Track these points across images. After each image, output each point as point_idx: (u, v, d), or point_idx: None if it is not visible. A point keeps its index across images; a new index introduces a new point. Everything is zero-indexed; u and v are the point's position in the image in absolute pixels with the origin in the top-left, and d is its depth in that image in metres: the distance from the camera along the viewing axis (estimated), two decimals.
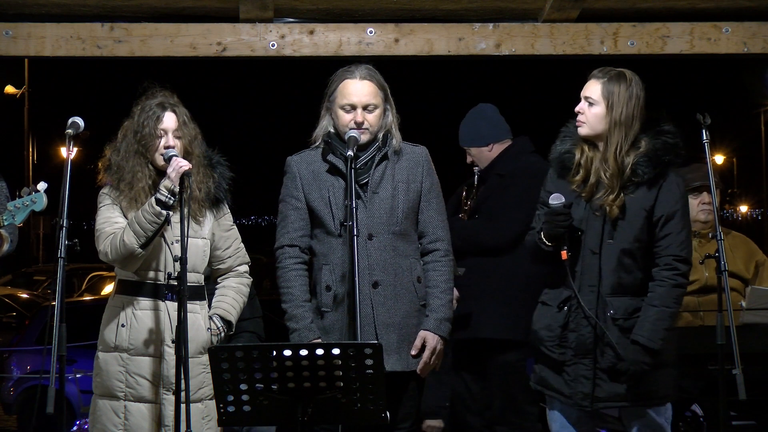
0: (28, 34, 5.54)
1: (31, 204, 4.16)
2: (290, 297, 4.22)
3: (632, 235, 4.11)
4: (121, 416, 4.12)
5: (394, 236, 4.20)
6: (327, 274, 4.21)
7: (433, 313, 4.22)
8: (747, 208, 52.61)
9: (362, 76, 4.21)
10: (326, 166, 4.26)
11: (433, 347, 4.20)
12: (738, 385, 3.96)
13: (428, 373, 4.28)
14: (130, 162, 4.16)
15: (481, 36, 5.63)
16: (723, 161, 43.05)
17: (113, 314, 4.19)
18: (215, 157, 4.34)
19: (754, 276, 5.50)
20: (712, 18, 5.64)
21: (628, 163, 4.10)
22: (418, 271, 4.24)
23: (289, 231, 4.27)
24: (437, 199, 4.32)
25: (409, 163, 4.27)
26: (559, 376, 4.17)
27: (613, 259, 4.11)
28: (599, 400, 4.11)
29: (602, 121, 4.13)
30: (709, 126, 4.15)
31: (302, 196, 4.26)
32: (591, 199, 4.15)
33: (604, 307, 4.10)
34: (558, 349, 4.16)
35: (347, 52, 5.59)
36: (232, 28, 5.59)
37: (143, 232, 4.04)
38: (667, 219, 4.09)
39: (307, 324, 4.18)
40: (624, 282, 4.11)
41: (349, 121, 4.19)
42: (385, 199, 4.20)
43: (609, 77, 4.15)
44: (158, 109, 4.17)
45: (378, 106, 4.22)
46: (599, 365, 4.10)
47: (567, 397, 4.16)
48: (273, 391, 3.45)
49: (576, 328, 4.13)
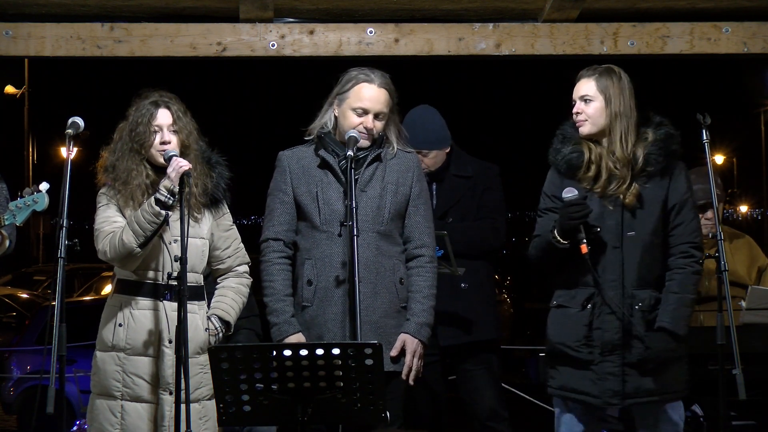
0: (28, 34, 5.54)
1: (32, 204, 4.16)
2: (272, 291, 4.23)
3: (652, 225, 4.14)
4: (118, 416, 4.11)
5: (378, 235, 4.20)
6: (309, 269, 4.21)
7: (414, 317, 4.20)
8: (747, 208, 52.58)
9: (380, 83, 4.23)
10: (317, 161, 4.27)
11: (413, 350, 4.18)
12: (738, 385, 3.96)
13: (415, 377, 4.23)
14: (125, 161, 4.17)
15: (481, 36, 5.62)
16: (723, 161, 43.03)
17: (111, 314, 4.19)
18: (214, 156, 4.33)
19: (756, 282, 5.48)
20: (712, 18, 5.64)
21: (640, 154, 4.14)
22: (400, 273, 4.23)
23: (275, 224, 4.28)
24: (425, 206, 4.32)
25: (400, 166, 4.28)
26: (584, 377, 4.15)
27: (636, 251, 4.13)
28: (628, 396, 4.11)
29: (603, 115, 4.18)
30: (709, 126, 4.17)
31: (290, 191, 4.28)
32: (604, 194, 4.17)
33: (630, 300, 4.11)
34: (585, 349, 4.15)
35: (347, 52, 5.59)
36: (232, 28, 5.58)
37: (142, 231, 4.04)
38: (681, 207, 4.16)
39: (287, 318, 4.19)
40: (647, 274, 4.14)
41: (357, 125, 4.20)
42: (372, 198, 4.21)
43: (599, 73, 4.22)
44: (151, 107, 4.18)
45: (386, 114, 4.25)
46: (627, 360, 4.10)
47: (595, 397, 4.14)
48: (273, 391, 3.45)
49: (601, 326, 4.13)
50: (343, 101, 4.24)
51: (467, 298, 5.21)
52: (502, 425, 5.26)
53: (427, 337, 4.23)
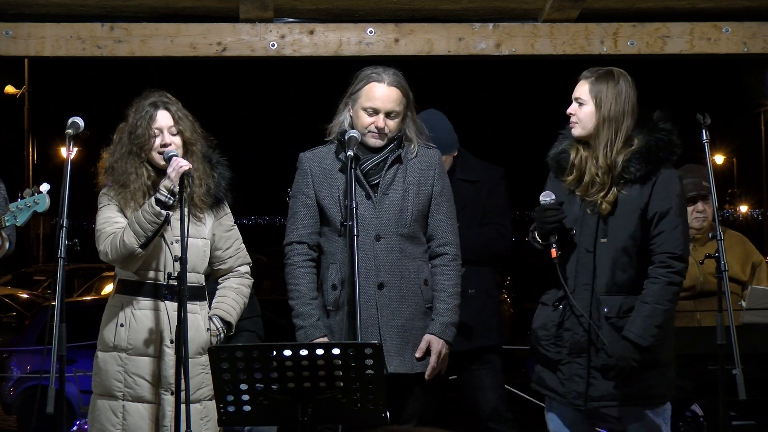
0: (28, 34, 5.54)
1: (33, 205, 4.16)
2: (297, 294, 4.22)
3: (626, 233, 4.11)
4: (120, 416, 4.12)
5: (401, 238, 4.19)
6: (334, 273, 4.20)
7: (439, 317, 4.21)
8: (747, 208, 52.60)
9: (390, 82, 4.20)
10: (338, 165, 4.24)
11: (438, 351, 4.19)
12: (738, 385, 3.96)
13: (435, 377, 4.25)
14: (124, 163, 4.16)
15: (481, 36, 5.62)
16: (723, 161, 43.06)
17: (112, 314, 4.19)
18: (215, 156, 4.33)
19: (750, 278, 5.49)
20: (712, 18, 5.64)
21: (619, 161, 4.11)
22: (425, 274, 4.23)
23: (299, 228, 4.27)
24: (448, 203, 4.31)
25: (421, 165, 4.26)
26: (554, 375, 4.18)
27: (607, 257, 4.12)
28: (593, 399, 4.11)
29: (592, 119, 4.16)
30: (709, 126, 4.16)
31: (312, 193, 4.26)
32: (585, 198, 4.16)
33: (598, 305, 4.11)
34: (554, 348, 4.17)
35: (347, 52, 5.59)
36: (232, 28, 5.59)
37: (143, 232, 4.04)
38: (661, 216, 4.09)
39: (313, 322, 4.18)
40: (618, 280, 4.11)
41: (369, 124, 4.19)
42: (394, 201, 4.19)
43: (596, 76, 4.19)
44: (151, 108, 4.17)
45: (400, 113, 4.22)
46: (593, 364, 4.10)
47: (561, 396, 4.17)
48: (273, 391, 3.45)
49: (571, 327, 4.14)
50: (356, 101, 4.22)
51: (474, 305, 5.17)
52: (504, 426, 5.25)
53: (452, 337, 4.23)
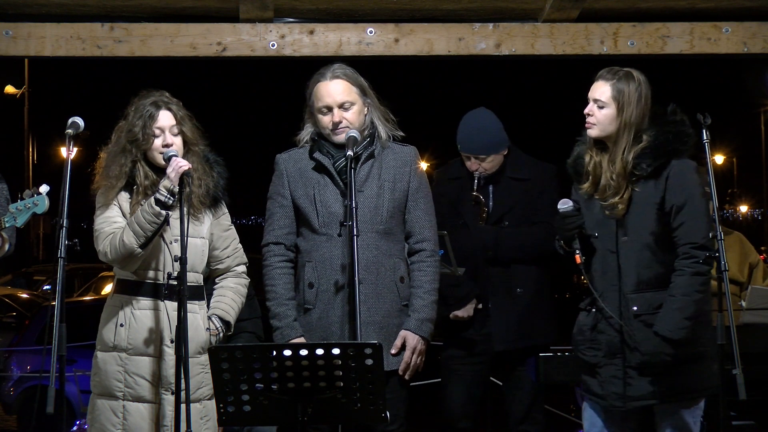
0: (28, 34, 5.55)
1: (33, 206, 4.16)
2: (274, 295, 4.25)
3: (646, 229, 4.12)
4: (120, 416, 4.11)
5: (377, 235, 4.19)
6: (310, 271, 4.22)
7: (415, 313, 4.20)
8: (747, 208, 52.59)
9: (333, 75, 4.21)
10: (312, 164, 4.27)
11: (413, 347, 4.18)
12: (738, 385, 3.95)
13: (413, 374, 4.24)
14: (118, 158, 4.15)
15: (481, 36, 5.63)
16: (723, 161, 43.07)
17: (112, 314, 4.19)
18: (212, 156, 4.33)
19: (748, 278, 5.49)
20: (712, 18, 5.64)
21: (630, 159, 4.12)
22: (401, 271, 4.23)
23: (275, 228, 4.29)
24: (425, 199, 4.31)
25: (396, 162, 4.27)
26: (593, 378, 4.19)
27: (630, 255, 4.12)
28: (632, 399, 4.11)
29: (613, 123, 4.15)
30: (709, 126, 4.15)
31: (288, 194, 4.28)
32: (604, 200, 4.17)
33: (627, 304, 4.11)
34: (590, 352, 4.19)
35: (347, 52, 5.59)
36: (232, 28, 5.59)
37: (142, 232, 4.04)
38: (679, 208, 4.09)
39: (289, 322, 4.21)
40: (644, 277, 4.12)
41: (328, 123, 4.20)
42: (369, 197, 4.20)
43: (618, 78, 4.15)
44: (152, 108, 4.16)
45: (354, 102, 4.21)
46: (629, 363, 4.11)
47: (602, 398, 4.17)
48: (273, 391, 3.45)
49: (604, 329, 4.15)
50: (312, 108, 4.26)
51: (522, 303, 5.15)
52: (533, 428, 5.24)
53: (429, 333, 4.22)
